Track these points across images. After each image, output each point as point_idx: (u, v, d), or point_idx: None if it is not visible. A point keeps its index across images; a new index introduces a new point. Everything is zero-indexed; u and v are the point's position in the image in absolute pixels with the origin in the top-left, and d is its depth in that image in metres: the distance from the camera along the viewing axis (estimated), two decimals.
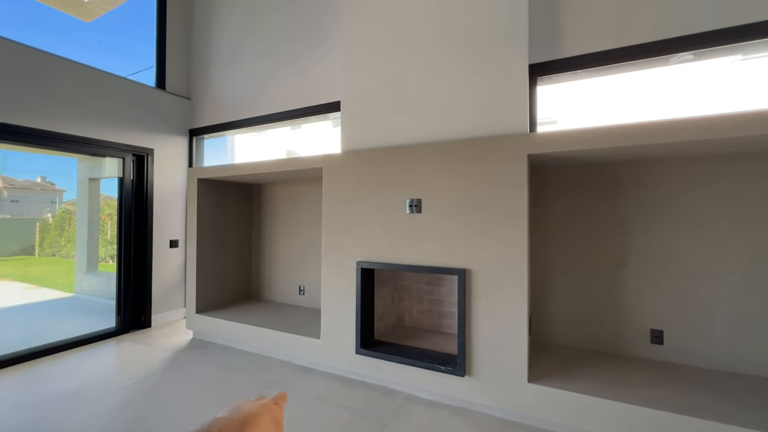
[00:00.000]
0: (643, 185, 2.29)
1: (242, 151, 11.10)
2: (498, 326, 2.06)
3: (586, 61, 2.30)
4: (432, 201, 2.26)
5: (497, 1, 2.23)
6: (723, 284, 2.11)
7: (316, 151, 2.88)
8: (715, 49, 2.08)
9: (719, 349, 2.11)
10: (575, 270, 2.48)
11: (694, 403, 1.74)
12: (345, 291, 2.55)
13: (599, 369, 2.12)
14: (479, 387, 2.10)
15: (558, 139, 1.96)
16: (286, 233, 3.71)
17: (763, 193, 2.02)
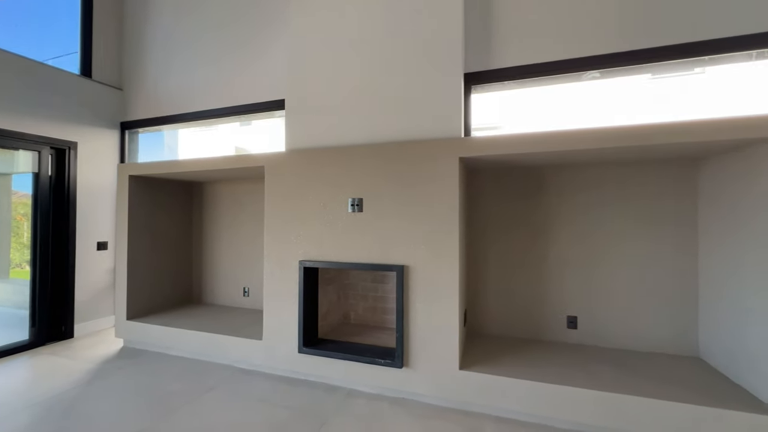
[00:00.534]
0: (561, 187, 2.55)
1: (187, 147, 10.46)
2: (433, 319, 2.18)
3: (512, 73, 2.51)
4: (373, 200, 2.34)
5: (434, 16, 2.36)
6: (623, 275, 2.42)
7: (266, 149, 2.82)
8: (620, 69, 2.37)
9: (620, 331, 2.42)
10: (506, 265, 2.69)
11: (597, 377, 1.99)
12: (288, 291, 2.53)
13: (524, 354, 2.33)
14: (416, 377, 2.20)
15: (486, 144, 2.13)
16: (230, 233, 3.59)
17: (655, 196, 2.36)
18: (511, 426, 1.98)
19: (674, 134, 1.80)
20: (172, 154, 7.31)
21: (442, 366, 2.15)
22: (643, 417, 1.78)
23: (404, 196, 2.26)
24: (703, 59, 2.16)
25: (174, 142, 8.95)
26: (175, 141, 9.21)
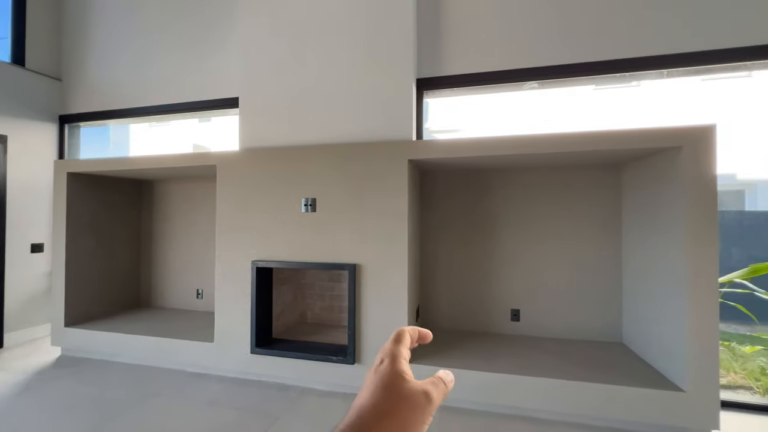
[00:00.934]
0: (507, 189, 2.73)
1: (139, 143, 9.88)
2: (384, 316, 2.26)
3: (461, 80, 2.65)
4: (326, 200, 2.37)
5: (387, 23, 2.44)
6: (560, 270, 2.63)
7: (229, 146, 2.75)
8: (556, 81, 2.58)
9: (557, 322, 2.63)
10: (456, 262, 2.83)
11: (535, 365, 2.15)
12: (240, 291, 2.51)
13: (471, 345, 2.47)
14: None
15: (434, 148, 2.24)
16: (183, 234, 3.46)
17: (587, 198, 2.59)
18: (455, 413, 2.10)
19: (595, 142, 2.00)
20: (120, 150, 6.91)
21: None
22: (570, 397, 1.96)
23: (357, 197, 2.32)
24: (625, 75, 2.41)
25: (122, 137, 8.41)
26: (125, 137, 8.68)
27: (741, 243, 4.18)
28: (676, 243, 1.91)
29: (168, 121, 9.05)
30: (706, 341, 1.80)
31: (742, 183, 6.42)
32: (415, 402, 0.39)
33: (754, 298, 2.66)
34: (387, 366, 0.40)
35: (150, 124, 9.77)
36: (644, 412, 1.87)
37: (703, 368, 1.80)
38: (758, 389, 2.59)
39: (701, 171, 1.83)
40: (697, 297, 1.81)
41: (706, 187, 1.82)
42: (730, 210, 5.62)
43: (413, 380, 0.41)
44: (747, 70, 2.47)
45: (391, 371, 0.40)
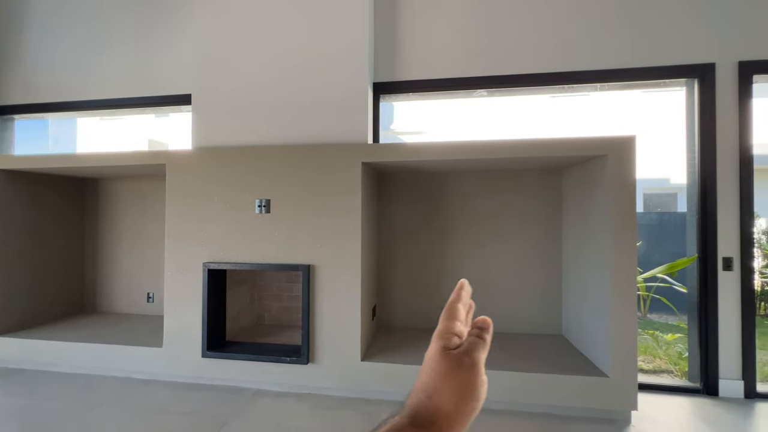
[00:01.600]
0: (460, 191, 2.85)
1: (89, 138, 9.25)
2: (338, 315, 2.30)
3: (416, 86, 2.74)
4: (280, 201, 2.37)
5: (345, 28, 2.47)
6: (508, 267, 2.79)
7: (186, 143, 2.65)
8: (503, 89, 2.73)
9: (505, 316, 2.79)
10: (413, 262, 2.92)
11: None
12: (191, 294, 2.45)
13: (424, 342, 2.56)
14: (321, 372, 2.30)
15: (387, 151, 2.30)
16: (132, 235, 3.31)
17: (533, 200, 2.76)
18: None
19: (534, 149, 2.15)
20: (65, 145, 6.48)
21: (346, 359, 2.27)
22: (513, 388, 2.10)
23: (311, 198, 2.34)
24: (563, 87, 2.61)
25: (68, 132, 7.85)
26: (71, 131, 8.09)
27: (665, 241, 4.63)
28: (602, 242, 2.11)
29: (121, 116, 8.57)
30: (626, 331, 2.00)
31: (674, 187, 7.10)
32: (473, 387, 0.43)
33: (675, 291, 2.97)
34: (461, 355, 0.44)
35: (101, 118, 9.18)
36: (577, 397, 2.05)
37: (623, 356, 2.00)
38: (677, 372, 2.90)
39: (623, 177, 2.03)
40: (618, 292, 2.01)
41: (627, 192, 2.02)
42: (659, 212, 6.20)
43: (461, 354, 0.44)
44: (677, 86, 2.75)
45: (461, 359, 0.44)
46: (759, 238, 4.81)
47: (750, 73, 2.39)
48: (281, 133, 2.51)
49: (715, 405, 2.29)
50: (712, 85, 2.42)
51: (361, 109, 2.46)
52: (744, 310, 2.36)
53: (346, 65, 2.47)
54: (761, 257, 4.84)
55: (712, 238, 2.39)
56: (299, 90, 2.51)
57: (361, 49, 2.47)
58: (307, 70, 2.51)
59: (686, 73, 2.47)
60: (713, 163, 2.41)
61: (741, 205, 2.38)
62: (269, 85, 2.54)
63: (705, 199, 2.42)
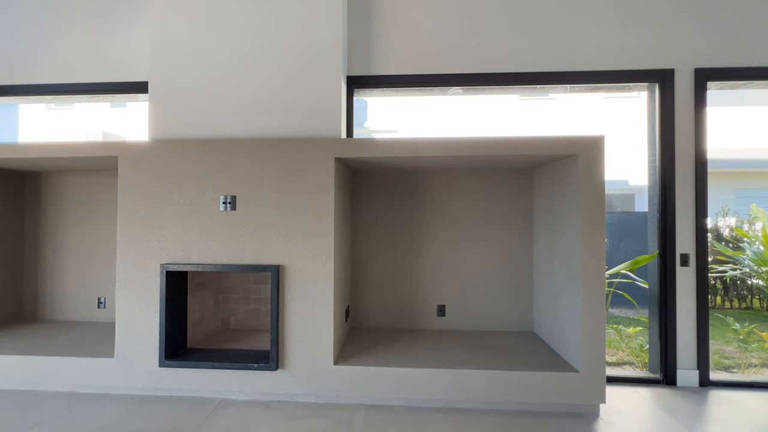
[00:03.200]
0: (434, 190, 2.83)
1: (33, 127, 8.44)
2: (309, 318, 2.19)
3: (390, 81, 2.68)
4: (247, 198, 2.23)
5: (316, 16, 2.37)
6: (481, 266, 2.80)
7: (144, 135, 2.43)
8: (478, 87, 2.73)
9: (478, 315, 2.80)
10: (387, 261, 2.86)
11: (454, 357, 2.26)
12: (147, 298, 2.25)
13: (398, 343, 2.51)
14: (292, 378, 2.18)
15: (361, 146, 2.22)
16: (81, 235, 3.01)
17: (506, 199, 2.79)
18: (380, 412, 2.11)
19: (506, 147, 2.15)
20: (4, 134, 5.93)
21: (318, 364, 2.17)
22: (486, 386, 2.09)
23: (280, 195, 2.21)
24: (535, 87, 2.65)
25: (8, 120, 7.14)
26: (12, 119, 7.36)
27: (627, 239, 4.89)
28: (572, 241, 2.15)
29: (70, 105, 7.92)
30: (595, 328, 2.04)
31: (633, 188, 7.54)
32: None
33: (636, 286, 3.11)
34: None
35: (47, 106, 8.40)
36: (548, 393, 2.07)
37: (592, 351, 2.05)
38: (638, 364, 3.03)
39: (592, 176, 2.07)
40: (588, 289, 2.05)
41: (596, 191, 2.07)
42: (621, 211, 6.56)
43: None
44: (637, 91, 2.86)
45: None
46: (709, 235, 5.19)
47: (704, 80, 2.53)
48: (248, 126, 2.36)
49: (674, 394, 2.40)
50: (672, 90, 2.54)
51: (335, 102, 2.37)
52: (699, 304, 2.50)
53: (319, 55, 2.37)
54: (712, 253, 5.24)
55: (671, 236, 2.52)
56: (268, 80, 2.37)
57: (334, 38, 2.38)
58: (276, 59, 2.38)
59: (648, 78, 2.58)
60: (672, 164, 2.53)
61: (696, 204, 2.52)
62: (235, 74, 2.38)
63: (665, 199, 2.53)
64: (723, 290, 5.25)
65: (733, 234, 5.31)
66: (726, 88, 2.74)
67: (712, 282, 5.18)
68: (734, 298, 5.22)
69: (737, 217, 5.39)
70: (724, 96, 6.61)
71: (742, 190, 6.96)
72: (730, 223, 5.29)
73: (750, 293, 5.18)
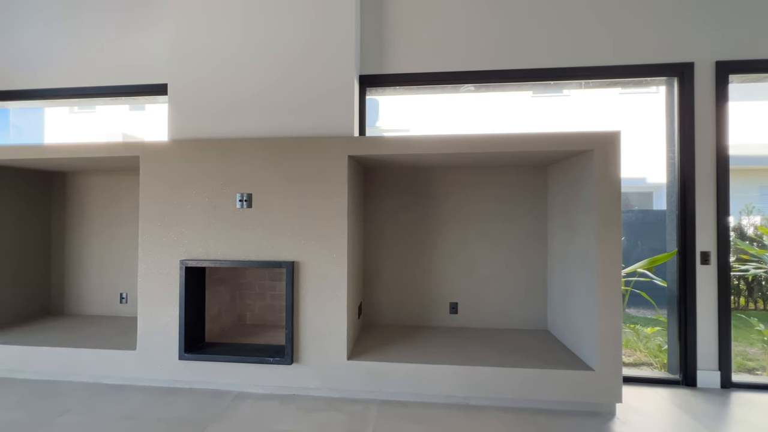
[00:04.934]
0: (448, 187, 2.83)
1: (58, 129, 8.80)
2: (323, 314, 2.23)
3: (403, 79, 2.69)
4: (262, 195, 2.28)
5: (330, 16, 2.40)
6: (495, 263, 2.79)
7: (162, 137, 2.52)
8: (492, 84, 2.72)
9: (492, 312, 2.79)
10: (399, 258, 2.87)
11: (467, 354, 2.26)
12: (167, 293, 2.32)
13: (410, 340, 2.53)
14: (306, 372, 2.22)
15: (374, 144, 2.25)
16: (106, 234, 3.13)
17: (519, 196, 2.77)
18: (393, 407, 2.13)
19: (520, 143, 2.14)
20: (31, 136, 6.17)
21: (332, 358, 2.21)
22: (499, 383, 2.09)
23: (294, 192, 2.26)
24: (549, 83, 2.62)
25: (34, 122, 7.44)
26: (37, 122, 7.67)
27: (645, 237, 4.77)
28: (587, 239, 2.12)
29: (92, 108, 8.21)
30: (611, 326, 2.02)
31: (651, 186, 7.35)
32: None
33: (654, 285, 3.05)
34: None
35: (70, 110, 8.72)
36: (563, 391, 2.05)
37: (608, 349, 2.02)
38: (656, 364, 2.97)
39: (608, 173, 2.05)
40: (604, 287, 2.02)
41: (612, 188, 2.04)
42: (638, 209, 6.40)
43: None
44: (655, 86, 2.80)
45: None
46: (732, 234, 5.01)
47: (726, 73, 2.46)
48: (263, 125, 2.42)
49: (694, 395, 2.35)
50: (691, 84, 2.48)
51: (348, 101, 2.40)
52: (720, 303, 2.44)
53: (332, 56, 2.40)
54: (734, 252, 5.07)
55: (690, 233, 2.46)
56: (283, 80, 2.42)
57: (348, 39, 2.41)
58: (291, 59, 2.42)
59: (666, 72, 2.53)
60: (692, 161, 2.47)
61: (718, 201, 2.45)
62: (251, 74, 2.44)
63: (684, 196, 2.48)
64: (747, 290, 5.07)
65: (757, 232, 5.13)
66: (749, 81, 2.65)
67: (735, 282, 5.02)
68: (758, 299, 5.04)
69: (762, 215, 5.19)
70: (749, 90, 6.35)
71: (767, 187, 6.70)
72: (755, 221, 5.10)
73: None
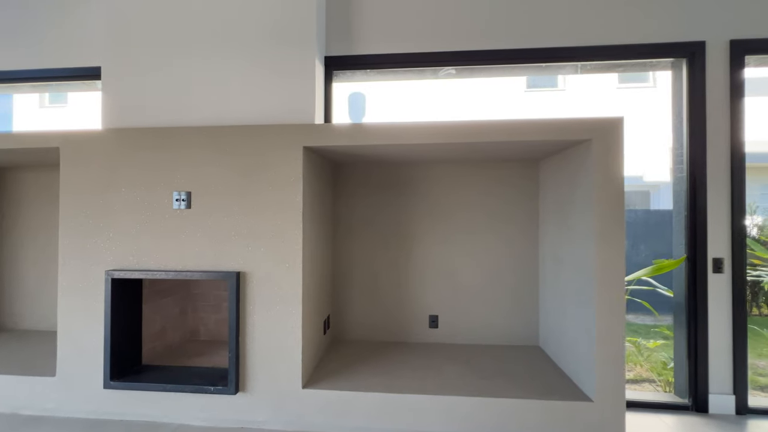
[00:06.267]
0: (426, 186, 2.50)
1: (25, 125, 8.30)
2: (274, 333, 1.89)
3: (373, 60, 2.36)
4: (203, 194, 1.93)
5: None
6: (479, 273, 2.46)
7: None
8: (474, 68, 2.39)
9: (476, 327, 2.46)
10: (374, 266, 2.54)
11: (445, 379, 1.93)
12: (93, 309, 1.97)
13: (383, 360, 2.19)
14: (255, 402, 1.88)
15: (334, 133, 1.91)
16: (42, 239, 2.76)
17: (506, 195, 2.44)
18: None
19: (506, 132, 1.82)
20: None
21: (284, 386, 1.87)
22: (477, 415, 1.76)
23: (241, 191, 1.91)
24: (541, 66, 2.30)
25: None
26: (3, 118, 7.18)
27: (647, 240, 4.48)
28: (586, 241, 1.80)
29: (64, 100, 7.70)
30: (612, 349, 1.70)
31: (648, 185, 7.07)
32: None
33: (655, 294, 2.74)
34: None
35: (40, 104, 8.24)
36: (554, 425, 1.73)
37: (609, 376, 1.70)
38: (660, 382, 2.66)
39: (609, 165, 1.73)
40: (604, 301, 1.71)
41: (614, 183, 1.72)
42: (642, 209, 6.12)
43: None
44: (656, 75, 2.49)
45: None
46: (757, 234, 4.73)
47: (742, 54, 2.15)
48: (210, 113, 2.07)
49: (706, 424, 2.04)
50: (702, 66, 2.17)
51: (307, 84, 2.05)
52: (735, 317, 2.13)
53: (289, 33, 2.06)
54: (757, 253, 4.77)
55: (701, 238, 2.15)
56: (233, 61, 2.07)
57: (307, 14, 2.06)
58: (242, 38, 2.07)
59: (674, 52, 2.21)
60: (703, 156, 2.16)
61: (732, 202, 2.14)
62: (196, 54, 2.09)
63: (694, 195, 2.17)
64: (750, 295, 4.79)
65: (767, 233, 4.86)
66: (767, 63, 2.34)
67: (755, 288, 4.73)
68: (762, 303, 4.77)
69: (766, 216, 4.91)
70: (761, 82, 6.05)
71: None
72: (758, 222, 4.82)
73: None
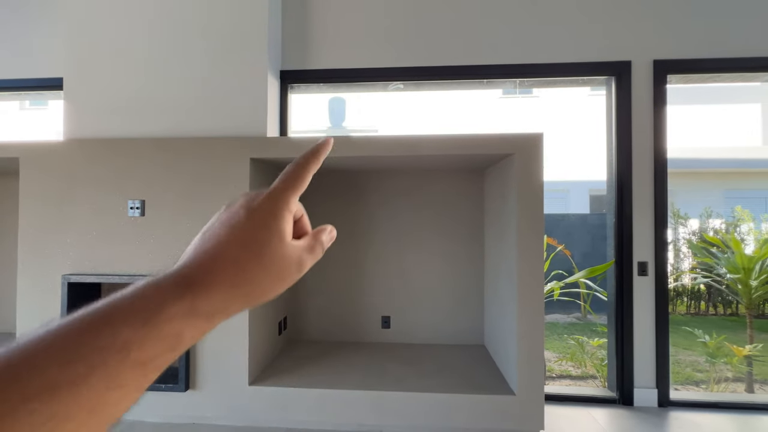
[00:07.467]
0: (379, 193, 2.63)
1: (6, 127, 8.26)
2: (224, 333, 2.01)
3: (327, 75, 2.49)
4: (157, 203, 2.05)
5: (241, 4, 2.18)
6: (429, 275, 2.61)
7: None
8: (421, 83, 2.54)
9: (426, 327, 2.60)
10: (331, 269, 2.67)
11: (387, 377, 2.06)
12: (51, 312, 2.06)
13: (332, 359, 2.32)
14: (204, 399, 2.00)
15: (277, 145, 2.04)
16: (7, 242, 2.84)
17: (455, 202, 2.59)
18: None
19: (438, 146, 1.96)
20: None
21: (232, 383, 1.99)
22: (416, 409, 1.90)
23: (192, 199, 2.03)
24: (482, 81, 2.46)
25: None
26: None
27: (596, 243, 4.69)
28: (510, 247, 1.95)
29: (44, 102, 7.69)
30: (532, 345, 1.85)
31: (565, 184, 7.29)
32: (284, 268, 0.32)
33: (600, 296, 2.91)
34: (263, 203, 0.32)
35: (21, 105, 8.23)
36: (482, 418, 1.87)
37: (529, 371, 1.85)
38: (601, 379, 2.83)
39: (529, 177, 1.88)
40: (525, 304, 1.86)
41: (533, 195, 1.87)
42: (579, 213, 6.34)
43: (290, 242, 0.33)
44: (602, 84, 2.67)
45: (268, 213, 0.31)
46: (689, 238, 5.00)
47: (664, 73, 2.33)
48: (165, 125, 2.18)
49: (630, 416, 2.20)
50: (629, 83, 2.34)
51: (258, 97, 2.18)
52: (658, 317, 2.30)
53: (242, 47, 2.18)
54: (691, 256, 5.02)
55: (627, 242, 2.32)
56: (187, 73, 2.19)
57: (260, 30, 2.19)
58: (196, 51, 2.19)
59: (604, 71, 2.39)
60: (629, 165, 2.33)
61: (656, 208, 2.32)
62: (152, 67, 2.20)
63: (621, 202, 2.34)
64: (708, 295, 5.03)
65: (719, 236, 5.11)
66: (692, 81, 2.53)
67: (696, 288, 4.96)
68: (719, 304, 5.00)
69: (722, 219, 5.17)
70: (713, 92, 6.39)
71: (731, 191, 6.72)
72: (714, 225, 5.07)
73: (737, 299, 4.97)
